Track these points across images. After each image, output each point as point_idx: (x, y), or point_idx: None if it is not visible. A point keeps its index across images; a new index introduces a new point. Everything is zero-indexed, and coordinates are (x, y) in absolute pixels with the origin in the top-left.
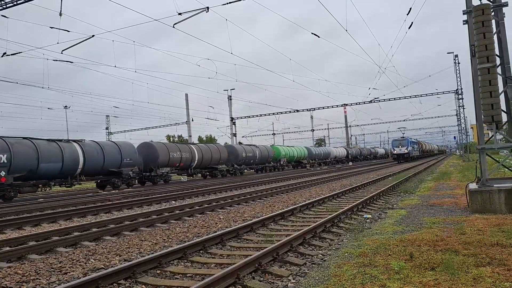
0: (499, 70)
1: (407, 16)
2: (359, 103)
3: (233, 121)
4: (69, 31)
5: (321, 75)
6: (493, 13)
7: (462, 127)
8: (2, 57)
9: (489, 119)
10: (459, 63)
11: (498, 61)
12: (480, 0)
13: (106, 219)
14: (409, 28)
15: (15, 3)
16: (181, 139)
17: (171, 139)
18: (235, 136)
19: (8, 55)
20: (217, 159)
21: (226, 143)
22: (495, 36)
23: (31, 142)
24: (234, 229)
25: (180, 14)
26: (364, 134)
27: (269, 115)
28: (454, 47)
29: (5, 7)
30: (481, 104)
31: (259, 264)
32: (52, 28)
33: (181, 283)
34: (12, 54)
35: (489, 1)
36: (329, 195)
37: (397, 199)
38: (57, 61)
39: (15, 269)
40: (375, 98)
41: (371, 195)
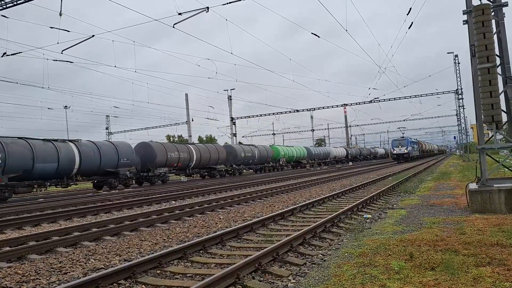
0: (499, 70)
1: (407, 16)
2: (359, 103)
3: (233, 121)
4: (69, 31)
5: (321, 75)
6: (493, 13)
7: (462, 127)
8: (2, 57)
9: (489, 119)
10: (459, 63)
11: (498, 61)
12: (480, 0)
13: (106, 219)
14: (409, 28)
15: (15, 3)
16: (181, 139)
17: (171, 139)
18: (235, 136)
19: (8, 55)
20: (216, 159)
21: (226, 143)
22: (495, 36)
23: (26, 142)
24: (234, 229)
25: (180, 14)
26: (364, 134)
27: (269, 115)
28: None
29: (5, 7)
30: (481, 104)
31: (259, 264)
32: (52, 28)
33: (181, 283)
34: (12, 54)
35: (489, 1)
36: (329, 195)
37: (397, 199)
38: (57, 61)
39: (15, 269)
40: (375, 98)
41: (371, 195)
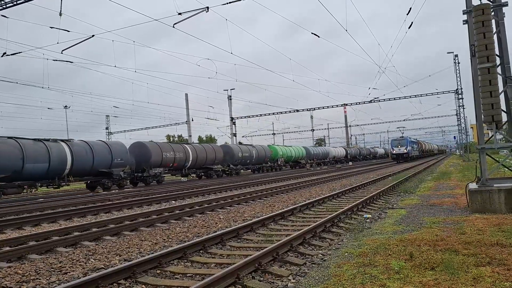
0: (499, 70)
1: (407, 16)
2: (359, 103)
3: (233, 121)
4: (69, 31)
5: (321, 75)
6: (493, 13)
7: (462, 127)
8: (2, 57)
9: (489, 119)
10: (459, 63)
11: (498, 61)
12: (480, 0)
13: (106, 219)
14: (409, 28)
15: (15, 3)
16: (181, 139)
17: (171, 139)
18: (235, 136)
19: (8, 55)
20: (212, 159)
21: (226, 143)
22: (495, 36)
23: (16, 141)
24: (234, 229)
25: (180, 14)
26: (364, 134)
27: (269, 115)
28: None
29: (5, 7)
30: (481, 104)
31: (259, 264)
32: (52, 28)
33: (181, 283)
34: (12, 54)
35: (489, 1)
36: (329, 195)
37: (397, 199)
38: (57, 61)
39: (15, 269)
40: (375, 98)
41: (371, 195)
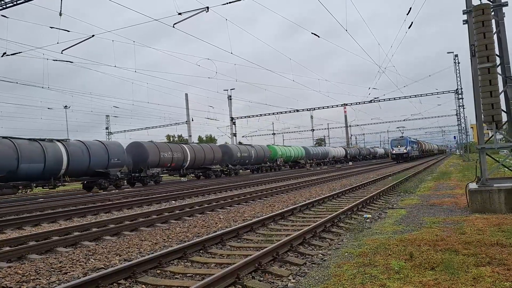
0: (499, 70)
1: (407, 16)
2: (359, 103)
3: (233, 121)
4: (69, 31)
5: (321, 75)
6: (493, 13)
7: (462, 127)
8: (2, 57)
9: (489, 119)
10: (459, 63)
11: (498, 61)
12: (480, 0)
13: (106, 219)
14: (409, 28)
15: (15, 3)
16: (181, 139)
17: (171, 139)
18: (235, 136)
19: (8, 55)
20: (211, 159)
21: (226, 143)
22: (495, 36)
23: (11, 141)
24: (234, 229)
25: (180, 14)
26: (364, 134)
27: (269, 115)
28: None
29: (5, 7)
30: (481, 104)
31: (259, 264)
32: (52, 28)
33: (181, 283)
34: (12, 54)
35: (489, 1)
36: (329, 195)
37: (397, 199)
38: (57, 61)
39: (15, 269)
40: (375, 98)
41: (371, 195)
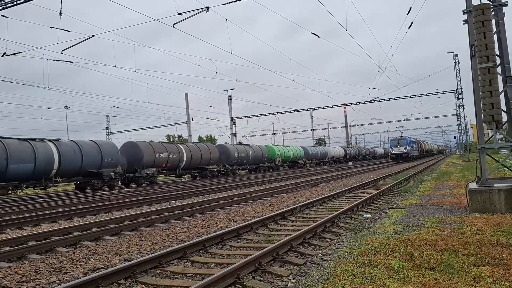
0: (499, 69)
1: (407, 16)
2: (359, 103)
3: (233, 121)
4: (69, 31)
5: (321, 75)
6: (493, 13)
7: (462, 126)
8: (2, 57)
9: (489, 119)
10: (459, 63)
11: (498, 60)
12: (480, 0)
13: (106, 219)
14: (409, 28)
15: (15, 3)
16: (181, 139)
17: (171, 138)
18: (235, 136)
19: (8, 55)
20: (207, 159)
21: (226, 142)
22: (495, 35)
23: (0, 141)
24: (234, 229)
25: (180, 14)
26: (364, 134)
27: (269, 115)
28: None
29: (5, 7)
30: (481, 104)
31: (259, 263)
32: (52, 28)
33: (181, 282)
34: (12, 54)
35: (489, 0)
36: (329, 194)
37: (397, 198)
38: (57, 61)
39: (15, 269)
40: (375, 98)
41: (371, 194)
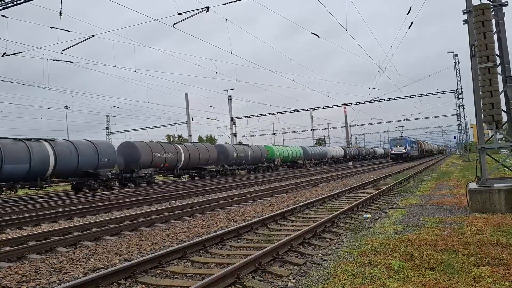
0: (499, 69)
1: (407, 16)
2: (359, 103)
3: (233, 121)
4: (69, 31)
5: (321, 75)
6: (493, 13)
7: (462, 126)
8: (2, 57)
9: (490, 119)
10: (459, 63)
11: (498, 60)
12: (480, 0)
13: (106, 219)
14: (409, 28)
15: (15, 3)
16: (181, 139)
17: (171, 138)
18: (235, 136)
19: (8, 55)
20: (206, 159)
21: (226, 142)
22: (495, 35)
23: None
24: (234, 229)
25: (180, 14)
26: (364, 134)
27: (269, 115)
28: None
29: (5, 7)
30: (481, 103)
31: (259, 263)
32: (52, 28)
33: (181, 282)
34: (12, 54)
35: (489, 0)
36: (329, 194)
37: (397, 198)
38: (57, 61)
39: (15, 269)
40: (375, 98)
41: (371, 194)
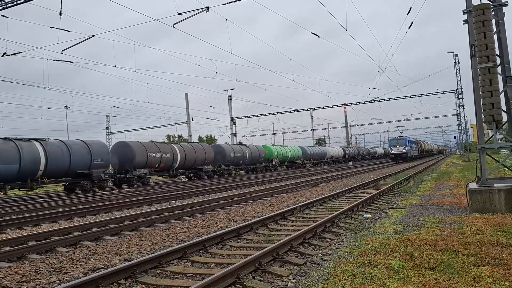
0: (499, 69)
1: (407, 16)
2: (359, 103)
3: (233, 121)
4: (69, 31)
5: (321, 75)
6: (493, 13)
7: (462, 126)
8: (2, 57)
9: (490, 119)
10: (459, 63)
11: (498, 60)
12: (480, 0)
13: (106, 219)
14: (409, 28)
15: (15, 3)
16: (181, 139)
17: (171, 138)
18: (235, 136)
19: (8, 55)
20: (202, 160)
21: (226, 142)
22: (495, 35)
23: None
24: (234, 229)
25: (180, 14)
26: (364, 134)
27: (269, 115)
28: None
29: (5, 7)
30: (481, 103)
31: (259, 263)
32: (52, 28)
33: (181, 282)
34: (12, 54)
35: (489, 0)
36: (329, 194)
37: (397, 198)
38: (57, 61)
39: (15, 269)
40: (375, 98)
41: (371, 194)
